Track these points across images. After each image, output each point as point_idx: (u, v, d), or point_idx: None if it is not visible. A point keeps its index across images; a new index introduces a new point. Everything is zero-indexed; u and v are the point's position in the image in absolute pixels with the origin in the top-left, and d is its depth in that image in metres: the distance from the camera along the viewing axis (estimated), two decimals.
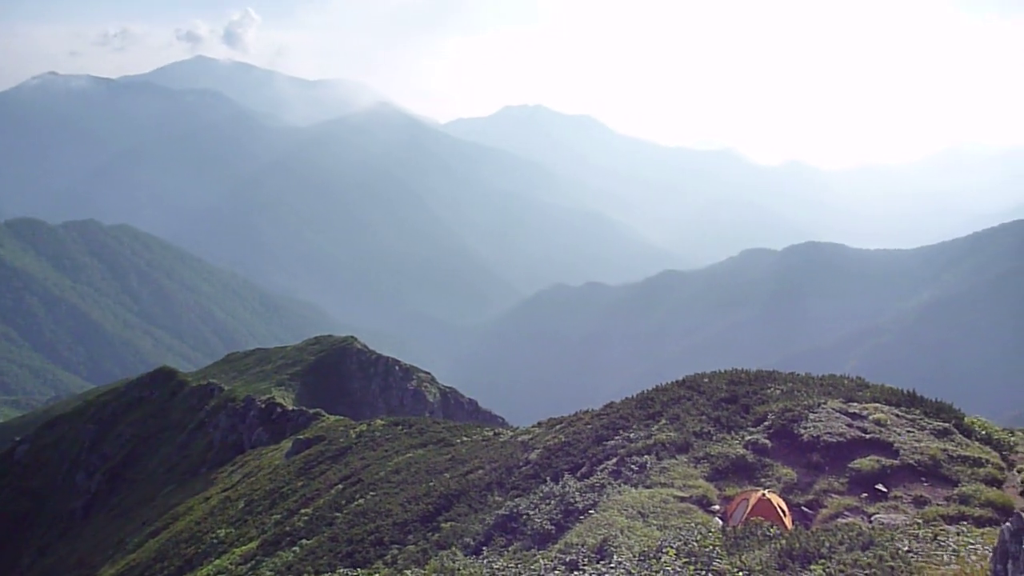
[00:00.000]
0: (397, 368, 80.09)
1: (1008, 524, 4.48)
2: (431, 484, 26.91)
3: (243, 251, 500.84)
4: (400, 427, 42.43)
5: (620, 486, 19.78)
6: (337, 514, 29.03)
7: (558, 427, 29.04)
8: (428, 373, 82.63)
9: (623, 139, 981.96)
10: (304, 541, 28.11)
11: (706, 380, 28.31)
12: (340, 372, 78.56)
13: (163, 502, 51.63)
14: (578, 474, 21.99)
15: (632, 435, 23.68)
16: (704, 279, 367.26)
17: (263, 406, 59.46)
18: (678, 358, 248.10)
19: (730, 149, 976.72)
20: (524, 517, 19.37)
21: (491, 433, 36.95)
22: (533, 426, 33.40)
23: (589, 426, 26.26)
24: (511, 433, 35.02)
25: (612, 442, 23.62)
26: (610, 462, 21.91)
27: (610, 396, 32.60)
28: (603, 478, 20.79)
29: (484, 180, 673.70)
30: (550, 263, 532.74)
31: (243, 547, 32.12)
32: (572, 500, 19.36)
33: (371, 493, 29.79)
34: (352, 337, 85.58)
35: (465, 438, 36.53)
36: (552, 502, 19.69)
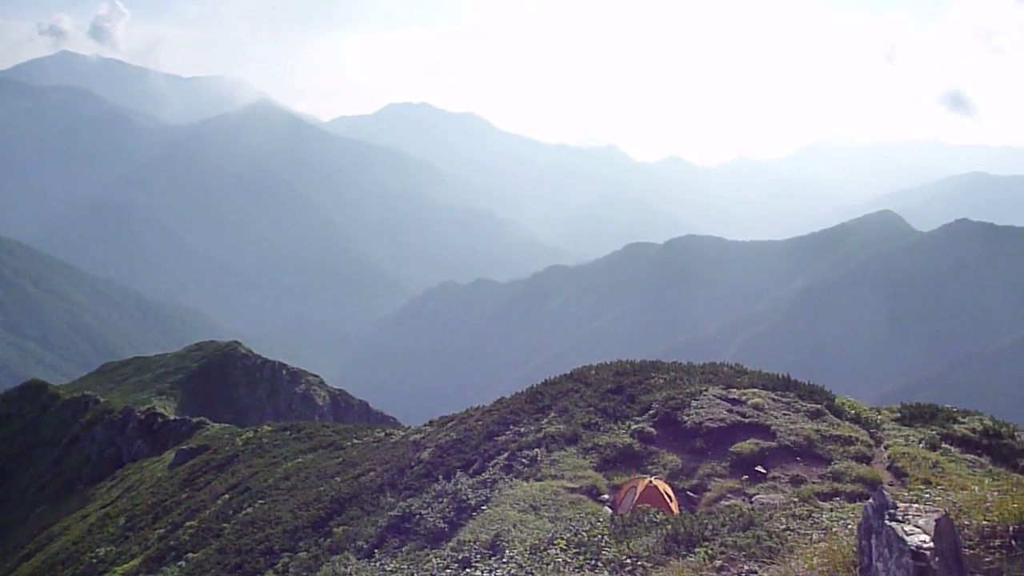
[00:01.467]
0: (284, 372, 78.39)
1: (871, 501, 4.69)
2: (322, 489, 26.45)
3: (118, 255, 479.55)
4: (288, 432, 41.52)
5: (512, 480, 19.89)
6: (225, 525, 28.16)
7: (449, 425, 29.00)
8: (317, 376, 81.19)
9: (507, 136, 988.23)
10: (190, 555, 27.16)
11: (593, 372, 28.79)
12: (224, 379, 76.27)
13: (36, 522, 49.00)
14: (470, 471, 22.00)
15: (522, 429, 23.85)
16: (590, 273, 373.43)
17: (143, 417, 57.19)
18: (567, 352, 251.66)
19: (612, 146, 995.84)
20: (417, 517, 19.26)
21: (382, 434, 36.59)
22: (425, 425, 33.25)
23: (480, 423, 26.30)
24: (402, 433, 34.75)
25: (503, 437, 23.73)
26: (501, 457, 22.00)
27: (501, 392, 32.75)
28: (495, 473, 20.85)
29: (370, 178, 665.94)
30: (439, 261, 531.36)
31: (125, 565, 30.81)
32: (465, 497, 19.35)
33: (260, 501, 29.04)
34: (236, 342, 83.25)
35: (356, 440, 36.06)
36: (445, 500, 19.64)
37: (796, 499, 14.98)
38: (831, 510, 10.18)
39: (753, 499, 17.96)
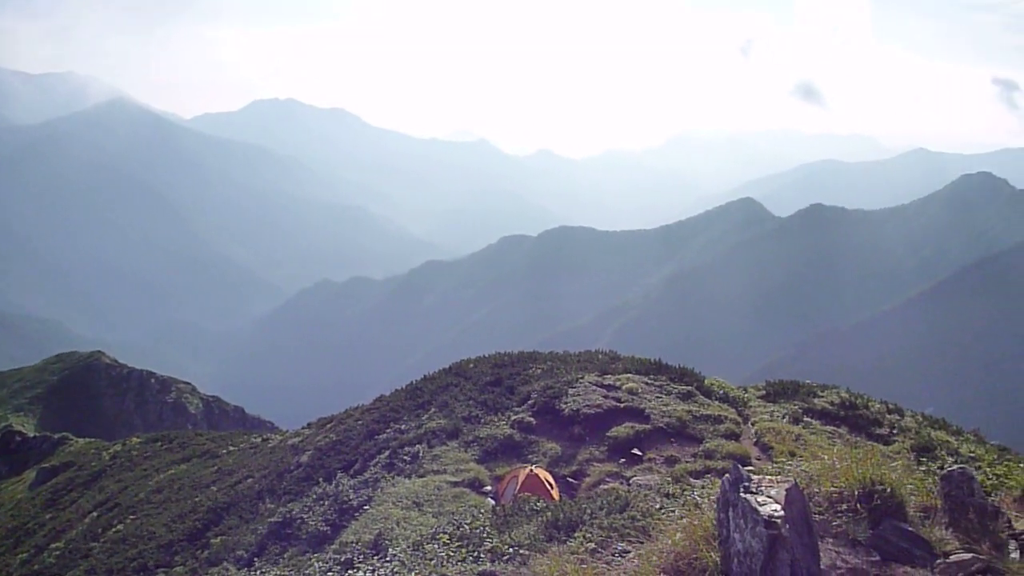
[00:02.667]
0: (153, 381, 75.36)
1: (727, 475, 4.95)
2: (197, 499, 25.64)
3: None
4: (160, 443, 40.02)
5: (394, 478, 19.85)
6: (94, 544, 26.88)
7: (329, 426, 28.67)
8: (188, 383, 78.40)
9: (378, 132, 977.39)
10: None
11: (472, 366, 29.02)
12: (88, 391, 72.65)
13: None
14: (351, 471, 21.82)
15: (403, 426, 23.84)
16: (466, 267, 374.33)
17: None
18: (446, 346, 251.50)
19: (483, 140, 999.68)
20: (298, 522, 18.97)
21: (259, 439, 35.79)
22: (303, 428, 32.76)
23: (360, 422, 26.12)
24: (280, 437, 34.10)
25: (384, 435, 23.66)
26: (383, 456, 21.92)
27: (381, 390, 32.56)
28: (377, 472, 20.76)
29: (237, 177, 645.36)
30: (313, 260, 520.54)
31: None
32: (346, 498, 19.18)
33: (131, 517, 27.86)
34: (99, 352, 79.38)
35: (232, 447, 35.16)
36: (326, 503, 19.41)
37: (670, 478, 15.55)
38: (702, 487, 10.64)
39: (630, 481, 18.51)
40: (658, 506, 9.62)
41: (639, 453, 20.99)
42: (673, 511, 7.91)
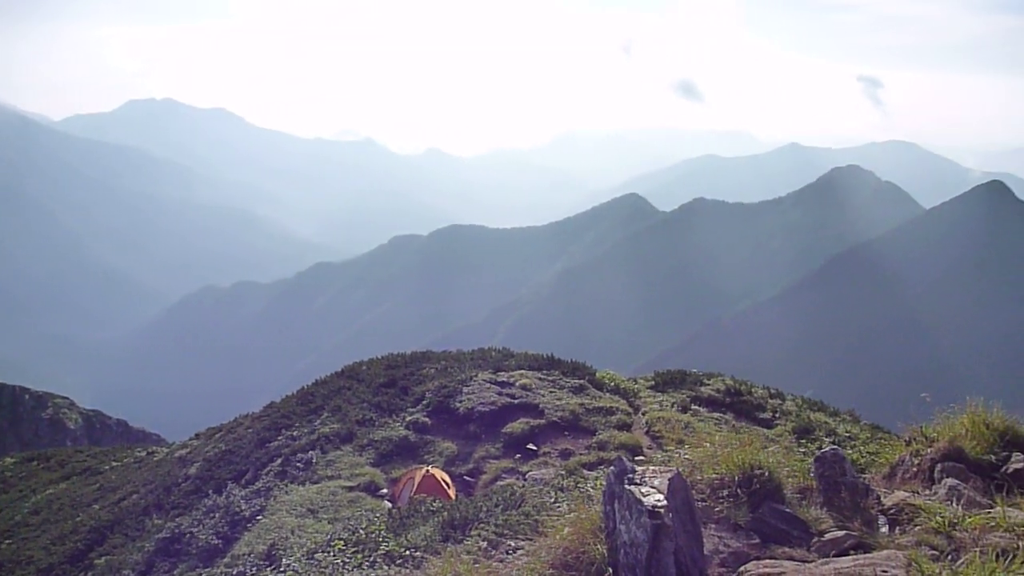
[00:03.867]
0: (27, 397, 71.46)
1: (612, 468, 5.08)
2: (79, 519, 24.50)
3: None
4: (36, 462, 38.00)
5: (287, 486, 19.50)
6: None
7: (218, 436, 27.91)
8: (66, 398, 74.64)
9: (261, 132, 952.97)
10: None
11: (364, 368, 28.75)
12: None
13: None
14: (243, 481, 21.29)
15: (295, 433, 23.43)
16: (357, 268, 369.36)
17: None
18: (338, 349, 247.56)
19: (370, 139, 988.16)
20: (188, 536, 18.40)
21: (144, 453, 34.52)
22: (191, 438, 31.74)
23: (251, 430, 25.54)
24: (167, 450, 32.97)
25: (276, 443, 23.21)
26: (275, 464, 21.51)
27: (271, 396, 31.82)
28: (269, 481, 20.35)
29: (111, 181, 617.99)
30: (196, 264, 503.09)
31: None
32: (238, 509, 18.72)
33: (7, 542, 26.39)
34: None
35: (115, 463, 33.76)
36: (217, 515, 18.89)
37: (564, 472, 15.80)
38: (596, 479, 10.84)
39: (526, 476, 18.71)
40: (552, 500, 9.76)
41: (534, 448, 21.26)
42: (568, 504, 8.05)
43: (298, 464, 20.83)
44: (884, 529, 5.83)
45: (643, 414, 23.89)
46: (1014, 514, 5.81)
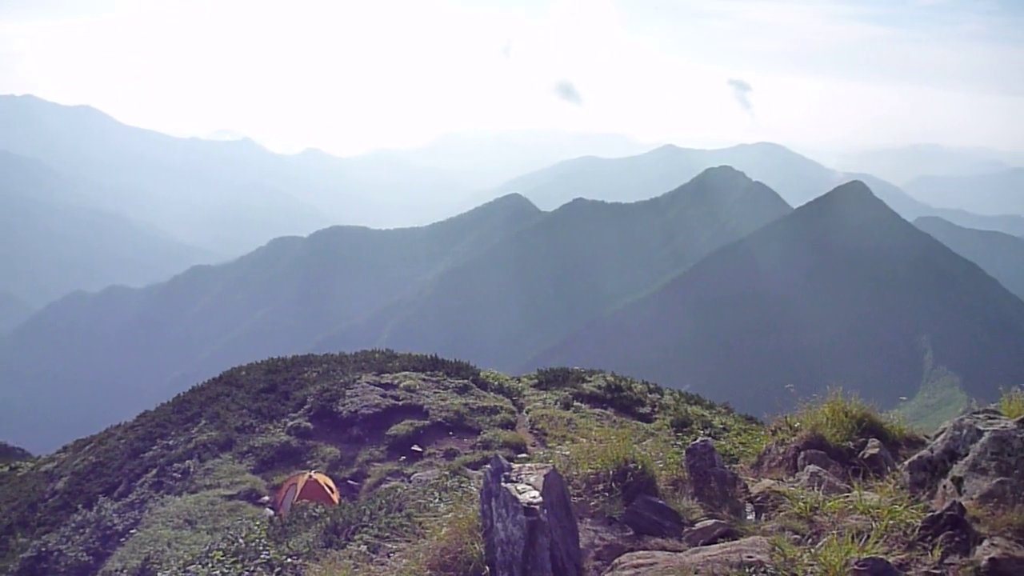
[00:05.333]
0: None
1: (488, 466, 5.16)
2: None
3: None
4: None
5: (163, 497, 18.88)
6: None
7: (87, 448, 26.70)
8: None
9: (132, 131, 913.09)
10: None
11: (244, 373, 28.09)
12: None
13: None
14: (115, 494, 20.47)
15: (171, 442, 22.70)
16: (235, 271, 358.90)
17: None
18: (217, 355, 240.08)
19: (248, 139, 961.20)
20: (56, 554, 17.53)
21: (7, 468, 32.67)
22: (58, 452, 30.25)
23: (123, 441, 24.58)
24: (32, 465, 31.30)
25: (150, 453, 22.43)
26: (149, 475, 20.77)
27: (146, 405, 30.67)
28: (144, 493, 19.65)
29: None
30: (63, 270, 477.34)
31: None
32: (110, 524, 17.98)
33: None
34: None
35: None
36: (87, 531, 18.09)
37: (448, 472, 15.85)
38: (479, 478, 10.92)
39: (411, 478, 18.70)
40: (436, 500, 9.79)
41: (419, 449, 21.26)
42: (449, 505, 8.10)
43: (174, 474, 20.18)
44: (751, 516, 6.12)
45: (527, 412, 24.22)
46: (870, 497, 6.20)
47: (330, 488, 17.85)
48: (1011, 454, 6.07)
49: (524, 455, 17.09)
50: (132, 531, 17.26)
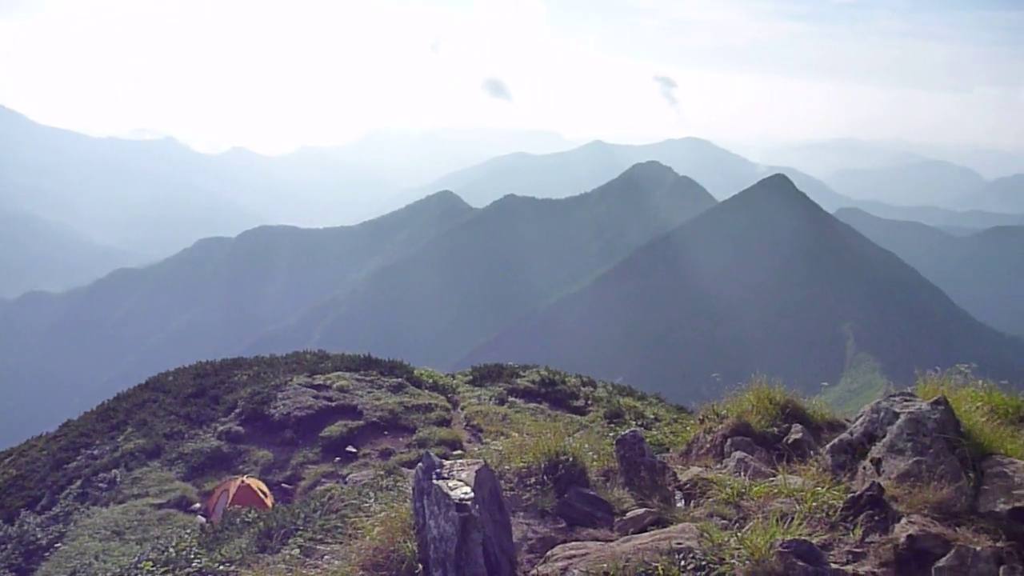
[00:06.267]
0: None
1: (420, 464, 5.18)
2: None
3: None
4: None
5: (89, 509, 18.39)
6: None
7: (7, 460, 25.78)
8: None
9: (47, 131, 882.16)
10: None
11: (171, 379, 27.51)
12: None
13: None
14: (37, 507, 19.84)
15: (96, 451, 22.10)
16: (161, 274, 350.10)
17: None
18: (143, 361, 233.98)
19: (170, 138, 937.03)
20: None
21: None
22: None
23: (44, 452, 23.81)
24: None
25: (74, 463, 21.81)
26: (74, 486, 20.20)
27: (69, 414, 29.75)
28: (68, 505, 19.10)
29: None
30: None
31: None
32: (33, 538, 17.43)
33: None
34: None
35: None
36: (9, 546, 17.52)
37: (383, 472, 15.80)
38: (412, 476, 10.92)
39: (346, 479, 18.57)
40: (371, 501, 9.76)
41: (354, 450, 21.12)
42: (382, 504, 8.10)
43: (100, 484, 19.66)
44: (680, 504, 6.27)
45: (462, 409, 24.28)
46: (794, 480, 6.41)
47: (263, 493, 17.62)
48: (926, 435, 6.32)
49: (459, 452, 17.11)
50: (57, 545, 16.80)
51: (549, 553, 5.21)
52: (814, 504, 5.88)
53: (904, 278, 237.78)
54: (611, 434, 16.24)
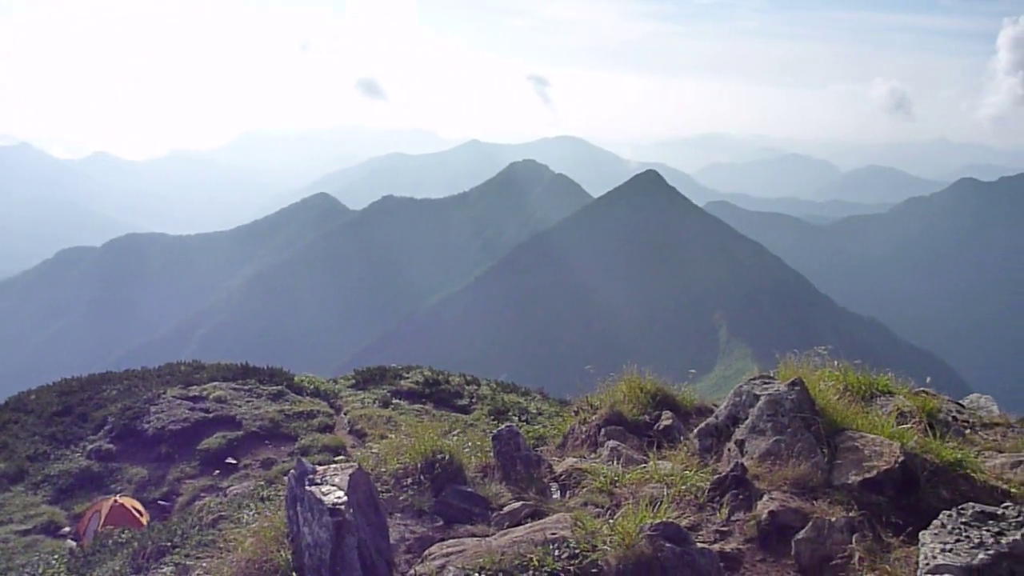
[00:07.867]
0: None
1: (292, 471, 5.16)
2: None
3: None
4: None
5: None
6: None
7: None
8: None
9: None
10: None
11: (33, 398, 26.16)
12: None
13: None
14: None
15: None
16: (18, 288, 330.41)
17: None
18: (2, 381, 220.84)
19: (26, 144, 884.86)
20: None
21: None
22: None
23: None
24: None
25: None
26: None
27: None
28: None
29: None
30: None
31: None
32: None
33: None
34: None
35: None
36: None
37: (264, 482, 15.50)
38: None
39: (227, 492, 18.12)
40: (253, 512, 9.58)
41: (234, 461, 20.61)
42: (254, 514, 7.98)
43: None
44: (556, 495, 6.45)
45: (345, 414, 24.05)
46: (664, 466, 6.69)
47: (138, 511, 17.02)
48: (783, 414, 6.70)
49: (342, 457, 16.96)
50: None
51: (427, 552, 5.26)
52: (683, 487, 6.16)
53: (771, 267, 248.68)
54: (494, 431, 16.50)
